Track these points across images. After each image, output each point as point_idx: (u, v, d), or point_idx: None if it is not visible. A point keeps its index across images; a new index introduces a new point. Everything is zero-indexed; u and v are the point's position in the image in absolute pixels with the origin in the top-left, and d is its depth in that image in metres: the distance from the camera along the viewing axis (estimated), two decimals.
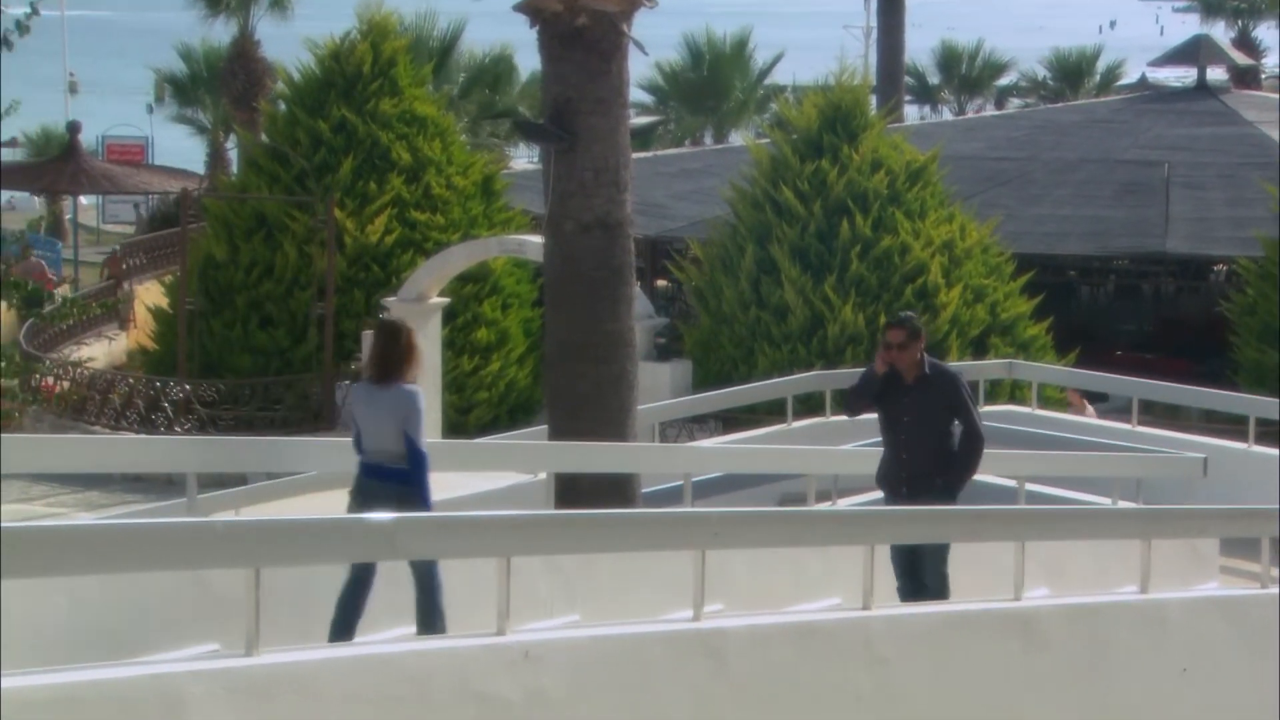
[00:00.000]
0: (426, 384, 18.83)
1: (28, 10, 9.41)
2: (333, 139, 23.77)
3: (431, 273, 20.93)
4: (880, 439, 9.64)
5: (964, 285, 21.44)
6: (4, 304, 24.38)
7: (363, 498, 8.21)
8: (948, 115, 49.70)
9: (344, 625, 7.90)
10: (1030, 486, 11.94)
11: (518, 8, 10.79)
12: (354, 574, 7.95)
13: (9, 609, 6.36)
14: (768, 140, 23.89)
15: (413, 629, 7.82)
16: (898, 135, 23.62)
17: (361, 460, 8.36)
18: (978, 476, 9.72)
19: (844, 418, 10.90)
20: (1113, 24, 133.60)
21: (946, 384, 9.28)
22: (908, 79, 45.30)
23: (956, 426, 9.22)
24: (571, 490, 10.52)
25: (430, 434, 15.91)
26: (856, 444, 12.56)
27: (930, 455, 9.19)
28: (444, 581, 8.00)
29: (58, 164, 33.26)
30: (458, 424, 21.67)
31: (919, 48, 48.26)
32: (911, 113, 47.72)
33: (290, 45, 28.42)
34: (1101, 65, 52.51)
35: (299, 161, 23.55)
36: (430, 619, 7.97)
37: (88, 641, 7.05)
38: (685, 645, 6.58)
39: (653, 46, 11.88)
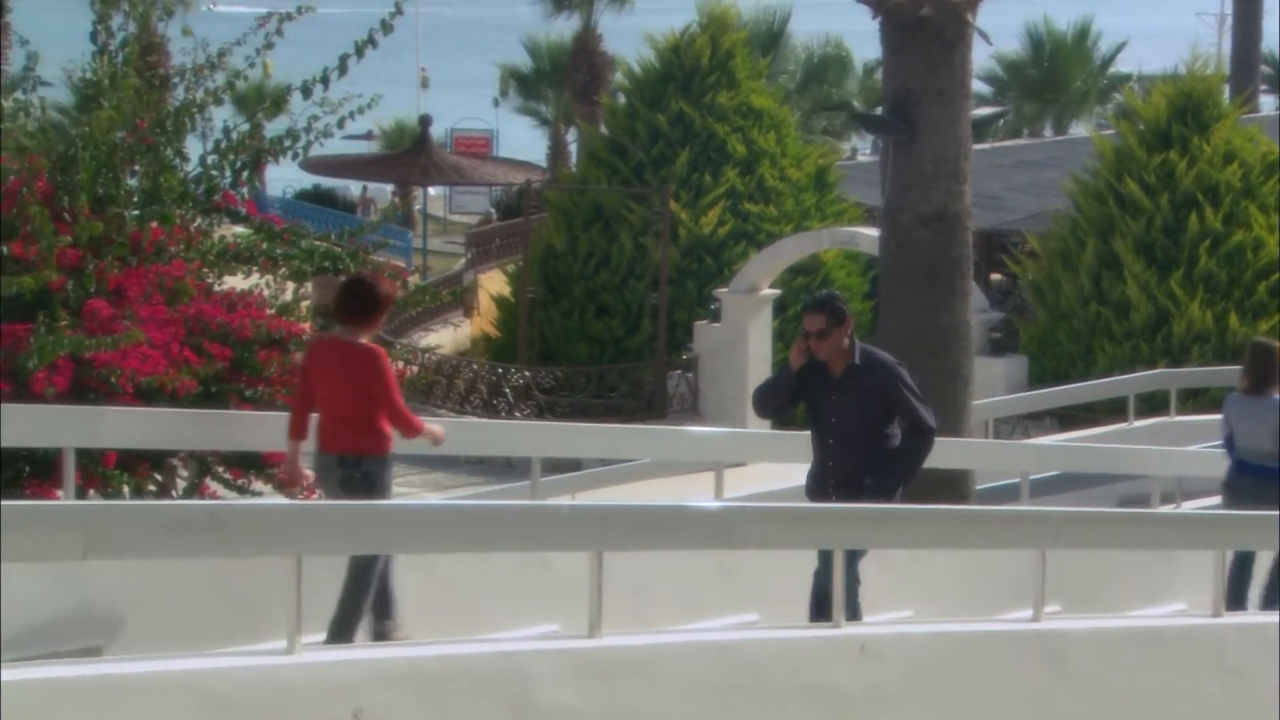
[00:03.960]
0: (756, 375, 19.04)
1: (392, 10, 9.81)
2: (670, 131, 24.10)
3: (763, 264, 21.04)
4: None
5: None
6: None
7: (1234, 491, 9.45)
8: None
9: None
10: None
11: None
12: None
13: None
14: (1111, 131, 23.23)
15: (753, 617, 7.87)
16: (1253, 126, 22.72)
17: (1235, 459, 9.57)
18: None
19: (1190, 417, 10.56)
20: None
21: (880, 375, 7.73)
22: (1264, 68, 43.34)
23: (898, 426, 7.73)
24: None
25: (762, 425, 16.00)
26: (1202, 445, 12.13)
27: (859, 460, 7.67)
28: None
29: (410, 156, 34.56)
30: (788, 415, 21.70)
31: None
32: (1268, 103, 45.63)
33: (631, 39, 28.93)
34: None
35: (637, 154, 23.97)
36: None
37: (442, 617, 7.34)
38: (1025, 645, 6.49)
39: (993, 36, 11.70)
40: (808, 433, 7.92)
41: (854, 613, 7.07)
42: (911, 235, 10.84)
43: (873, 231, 17.21)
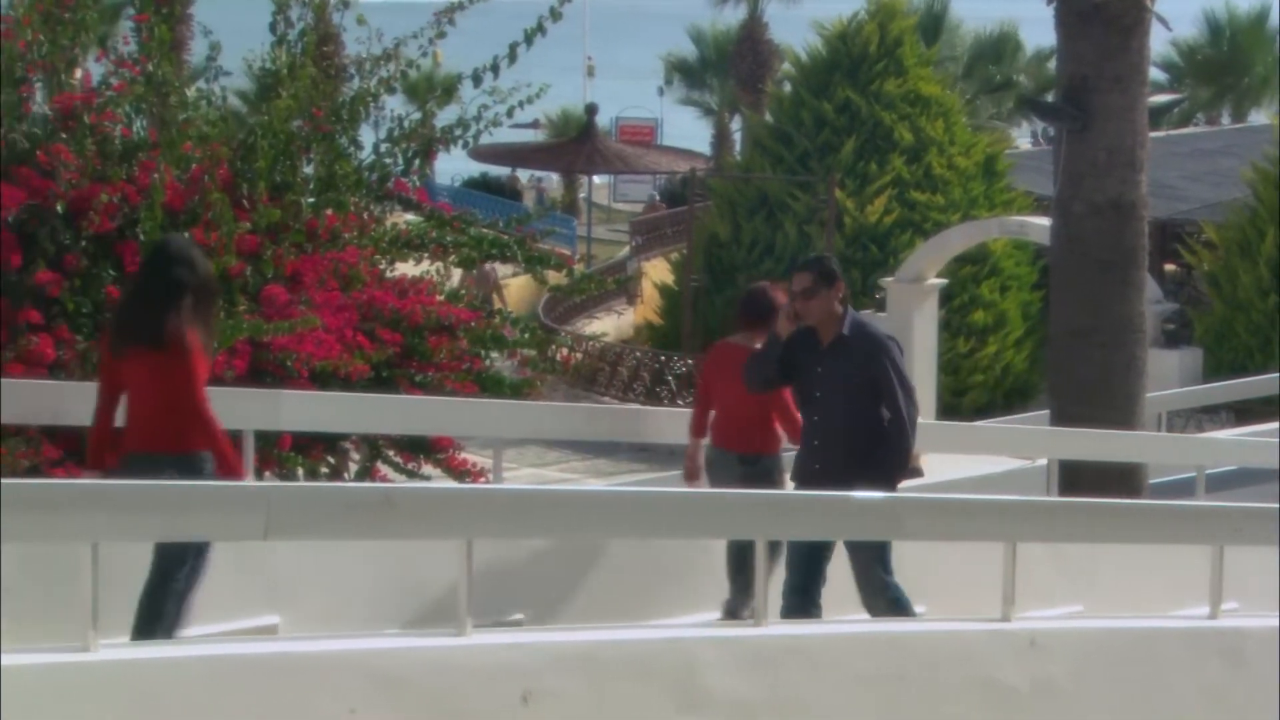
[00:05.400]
0: (922, 365, 18.86)
1: None
2: (836, 119, 23.96)
3: (930, 253, 20.82)
4: None
5: None
6: (527, 277, 25.68)
7: None
8: None
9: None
10: None
11: None
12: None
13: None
14: None
15: (920, 609, 7.80)
16: None
17: None
18: None
19: None
20: None
21: (867, 348, 7.02)
22: None
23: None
24: (1075, 478, 10.27)
25: (925, 415, 15.85)
26: None
27: (843, 444, 7.00)
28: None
29: (575, 145, 34.84)
30: (952, 406, 21.49)
31: None
32: None
33: (796, 28, 28.82)
34: None
35: (802, 142, 23.87)
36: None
37: (610, 602, 7.40)
38: (1201, 642, 6.35)
39: (1171, 21, 11.42)
40: (975, 423, 7.82)
41: (903, 608, 6.90)
42: (1084, 225, 10.63)
43: (1043, 221, 16.94)
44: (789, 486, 7.51)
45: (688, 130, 46.55)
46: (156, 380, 6.23)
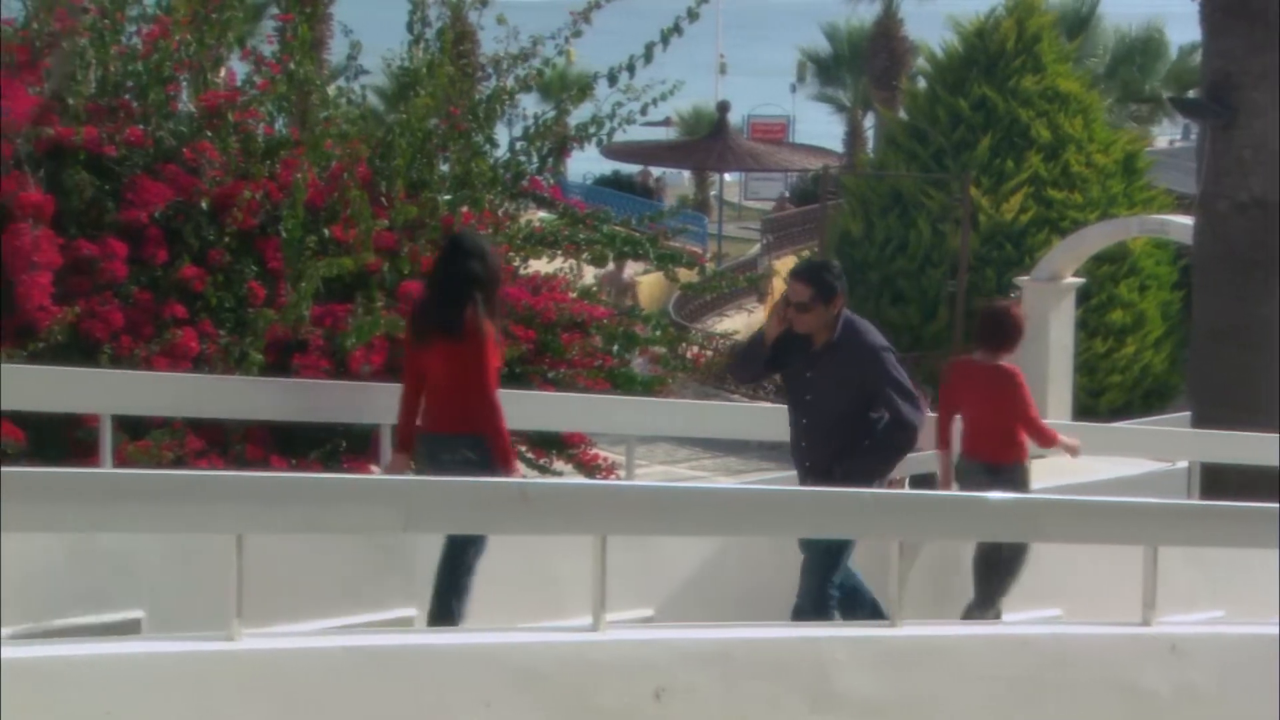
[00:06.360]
0: (1058, 365, 18.60)
1: None
2: (972, 116, 23.70)
3: (1067, 252, 20.50)
4: None
5: None
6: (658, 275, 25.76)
7: None
8: None
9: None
10: None
11: None
12: None
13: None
14: None
15: (1055, 611, 7.73)
16: None
17: None
18: None
19: None
20: None
21: (860, 354, 6.85)
22: None
23: (881, 413, 6.86)
24: (1218, 481, 10.10)
25: (1060, 416, 15.66)
26: None
27: (830, 448, 6.85)
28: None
29: (707, 142, 34.82)
30: (1089, 407, 21.16)
31: None
32: None
33: (931, 24, 28.58)
34: None
35: (937, 139, 23.66)
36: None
37: (741, 600, 7.39)
38: None
39: None
40: (1106, 425, 7.78)
41: (875, 611, 6.77)
42: (1228, 223, 10.48)
43: (1184, 219, 16.65)
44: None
45: (820, 127, 46.32)
46: (452, 367, 6.70)
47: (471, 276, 6.76)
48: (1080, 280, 20.75)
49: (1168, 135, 39.94)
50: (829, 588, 6.76)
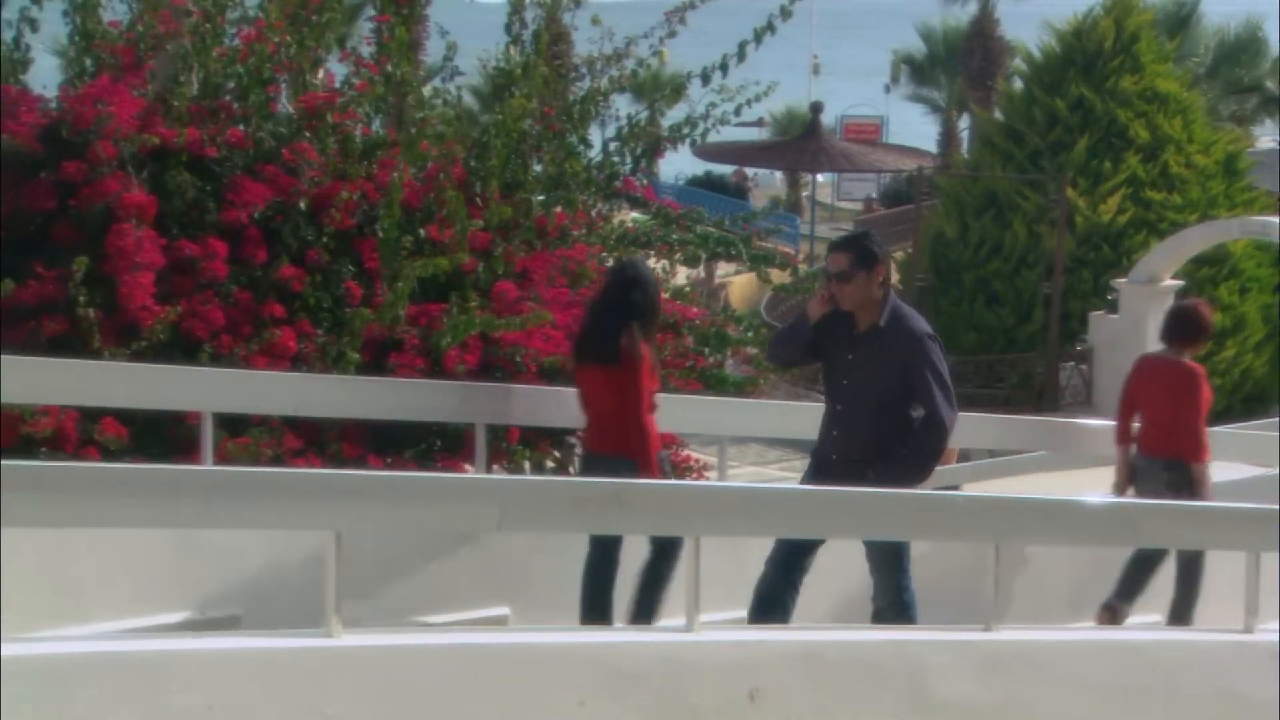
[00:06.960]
0: None
1: None
2: (1069, 117, 23.48)
3: (1166, 254, 20.26)
4: None
5: None
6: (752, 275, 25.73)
7: None
8: None
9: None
10: None
11: None
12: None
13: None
14: None
15: (1155, 618, 7.63)
16: None
17: None
18: None
19: None
20: None
21: (904, 340, 6.51)
22: None
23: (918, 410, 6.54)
24: None
25: None
26: None
27: (866, 437, 6.56)
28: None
29: (800, 143, 34.71)
30: None
31: None
32: None
33: (1027, 24, 28.32)
34: None
35: (1033, 140, 23.44)
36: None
37: (839, 601, 7.36)
38: None
39: None
40: (1213, 428, 7.73)
41: (909, 616, 6.58)
42: None
43: None
44: (1215, 494, 7.96)
45: (914, 128, 46.03)
46: (609, 391, 6.90)
47: (631, 305, 6.92)
48: (1179, 283, 20.48)
49: (1270, 136, 39.28)
50: (905, 581, 6.59)
